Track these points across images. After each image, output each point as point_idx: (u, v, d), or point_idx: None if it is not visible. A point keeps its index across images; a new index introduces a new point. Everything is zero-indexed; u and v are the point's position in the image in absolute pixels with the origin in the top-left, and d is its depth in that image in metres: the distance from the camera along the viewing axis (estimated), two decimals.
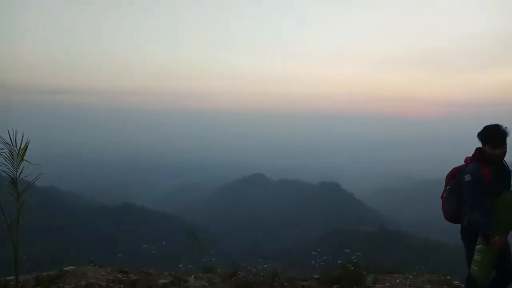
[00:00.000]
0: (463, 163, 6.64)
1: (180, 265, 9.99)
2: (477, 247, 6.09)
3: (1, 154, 6.13)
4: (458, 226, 6.79)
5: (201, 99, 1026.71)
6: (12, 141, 6.15)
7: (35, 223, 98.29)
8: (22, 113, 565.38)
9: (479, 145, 6.44)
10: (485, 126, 6.24)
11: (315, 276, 9.26)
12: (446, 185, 6.74)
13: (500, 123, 6.26)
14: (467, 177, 6.08)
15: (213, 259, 10.61)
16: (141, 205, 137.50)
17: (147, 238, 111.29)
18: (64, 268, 8.93)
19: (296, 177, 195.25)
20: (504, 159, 6.19)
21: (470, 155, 6.54)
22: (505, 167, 6.19)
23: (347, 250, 10.84)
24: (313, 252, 9.85)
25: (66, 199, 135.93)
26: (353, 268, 8.72)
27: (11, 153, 6.25)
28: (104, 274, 8.84)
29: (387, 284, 8.71)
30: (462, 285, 8.08)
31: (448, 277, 9.26)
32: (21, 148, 6.30)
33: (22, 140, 6.23)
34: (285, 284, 8.29)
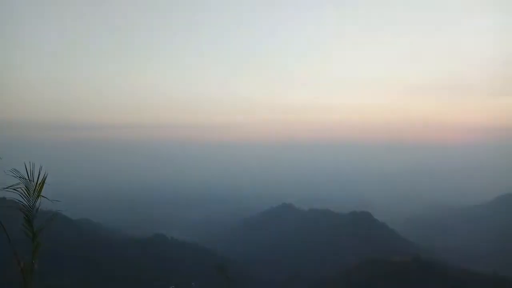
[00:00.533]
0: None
1: None
2: None
3: (16, 190, 5.64)
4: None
5: (226, 131, 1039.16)
6: (29, 176, 5.66)
7: (68, 254, 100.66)
8: (43, 149, 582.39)
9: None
10: None
11: None
12: None
13: None
14: None
15: None
16: (171, 236, 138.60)
17: (178, 270, 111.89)
18: None
19: (326, 207, 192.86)
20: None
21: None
22: None
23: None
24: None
25: (100, 232, 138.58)
26: None
27: (27, 188, 5.70)
28: None
29: None
30: None
31: None
32: (38, 183, 5.73)
33: (39, 174, 5.72)
34: None
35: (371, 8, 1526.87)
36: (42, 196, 5.77)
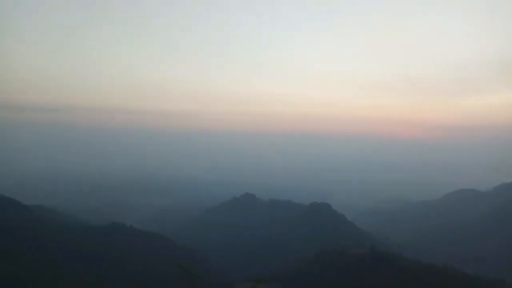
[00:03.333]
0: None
1: None
2: None
3: None
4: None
5: (190, 120, 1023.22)
6: None
7: (20, 242, 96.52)
8: (13, 130, 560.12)
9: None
10: None
11: None
12: None
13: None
14: None
15: None
16: (130, 225, 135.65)
17: (135, 260, 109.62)
18: None
19: (286, 198, 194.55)
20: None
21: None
22: None
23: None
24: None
25: (54, 217, 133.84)
26: None
27: None
28: None
29: None
30: None
31: None
32: None
33: None
34: None
35: (343, 6, 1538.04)
36: None
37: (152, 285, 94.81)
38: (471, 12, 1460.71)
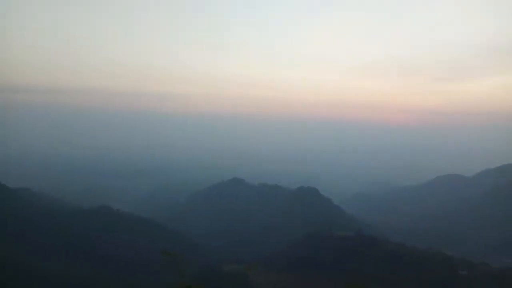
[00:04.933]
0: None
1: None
2: None
3: None
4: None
5: (180, 102, 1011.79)
6: None
7: (6, 225, 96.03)
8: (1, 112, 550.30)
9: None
10: None
11: None
12: None
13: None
14: None
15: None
16: (117, 209, 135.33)
17: (122, 243, 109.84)
18: None
19: (274, 182, 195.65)
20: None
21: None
22: None
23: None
24: None
25: (41, 201, 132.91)
26: None
27: None
28: None
29: None
30: None
31: None
32: None
33: None
34: None
35: None
36: None
37: (138, 267, 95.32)
38: None
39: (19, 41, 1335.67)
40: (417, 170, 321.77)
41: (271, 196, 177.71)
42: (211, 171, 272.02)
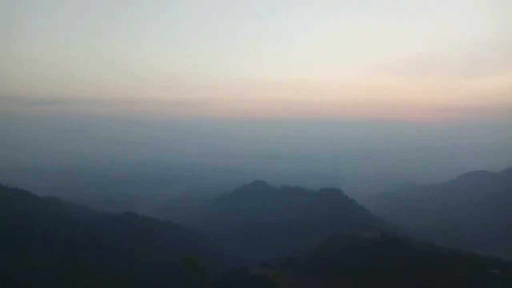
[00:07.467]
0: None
1: None
2: None
3: None
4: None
5: (200, 108, 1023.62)
6: None
7: (35, 232, 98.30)
8: (23, 124, 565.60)
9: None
10: None
11: None
12: None
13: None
14: None
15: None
16: (142, 214, 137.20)
17: (147, 249, 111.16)
18: None
19: (297, 184, 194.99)
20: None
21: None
22: None
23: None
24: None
25: (68, 209, 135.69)
26: None
27: None
28: None
29: None
30: None
31: None
32: None
33: None
34: None
35: None
36: None
37: (163, 274, 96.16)
38: None
39: (36, 54, 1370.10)
40: (441, 168, 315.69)
41: (294, 198, 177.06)
42: (231, 176, 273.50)
